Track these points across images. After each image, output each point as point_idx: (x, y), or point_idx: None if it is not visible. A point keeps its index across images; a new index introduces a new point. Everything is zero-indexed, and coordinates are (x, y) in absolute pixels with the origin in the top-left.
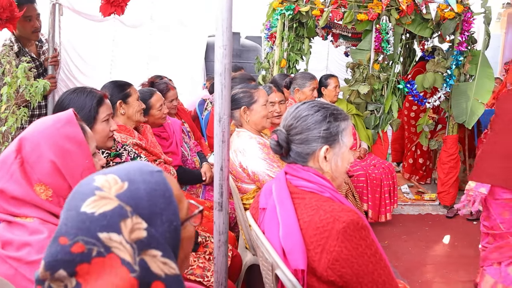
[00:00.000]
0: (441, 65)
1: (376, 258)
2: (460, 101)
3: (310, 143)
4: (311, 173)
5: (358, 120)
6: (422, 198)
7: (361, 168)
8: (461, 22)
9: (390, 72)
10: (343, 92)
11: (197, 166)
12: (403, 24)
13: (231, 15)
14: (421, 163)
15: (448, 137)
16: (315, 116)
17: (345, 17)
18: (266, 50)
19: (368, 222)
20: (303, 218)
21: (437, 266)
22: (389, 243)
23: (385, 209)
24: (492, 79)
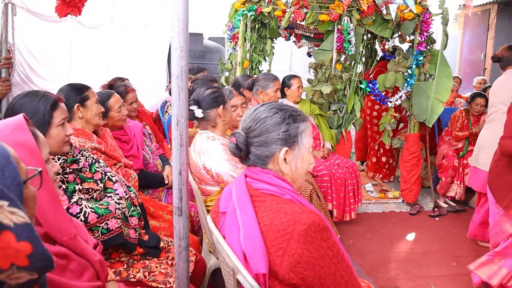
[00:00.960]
0: (402, 65)
1: (338, 259)
2: (420, 100)
3: (270, 145)
4: (271, 176)
5: (321, 120)
6: (385, 196)
7: (325, 168)
8: (420, 23)
9: (352, 72)
10: (306, 93)
11: (159, 170)
12: (364, 25)
13: (187, 16)
14: (384, 161)
15: (409, 135)
16: (274, 118)
17: (307, 18)
18: (229, 51)
19: (333, 221)
20: (263, 221)
21: (401, 263)
22: (354, 241)
23: (350, 208)
24: (450, 78)
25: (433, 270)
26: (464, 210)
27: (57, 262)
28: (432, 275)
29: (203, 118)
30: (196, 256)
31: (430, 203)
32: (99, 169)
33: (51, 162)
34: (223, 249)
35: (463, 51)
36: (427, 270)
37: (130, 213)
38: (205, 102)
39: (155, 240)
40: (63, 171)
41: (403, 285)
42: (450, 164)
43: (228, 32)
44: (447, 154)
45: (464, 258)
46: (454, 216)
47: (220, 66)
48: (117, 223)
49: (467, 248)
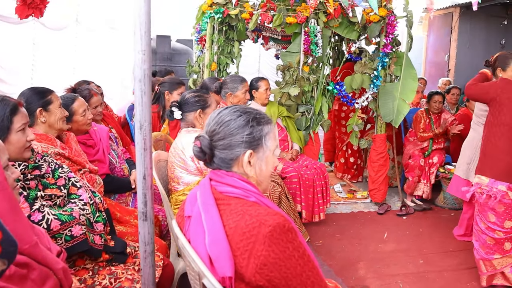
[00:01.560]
0: (368, 67)
1: (304, 260)
2: (387, 101)
3: (234, 148)
4: (235, 179)
5: (290, 122)
6: (354, 196)
7: (293, 170)
8: (385, 25)
9: (319, 74)
10: (274, 95)
11: (126, 174)
12: (331, 27)
13: (150, 19)
14: (352, 162)
15: (377, 136)
16: (237, 121)
17: (274, 20)
18: (197, 54)
19: (302, 222)
20: (228, 224)
21: (370, 262)
22: (323, 242)
23: (319, 209)
24: (415, 79)
25: (401, 268)
26: (430, 209)
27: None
28: (400, 273)
29: (182, 120)
30: (164, 261)
31: (397, 202)
32: (62, 175)
33: (10, 169)
34: (188, 253)
35: (428, 53)
36: (395, 269)
37: (95, 219)
38: (186, 105)
39: (122, 245)
40: (24, 178)
41: (372, 284)
42: (416, 164)
43: (195, 34)
44: (413, 154)
45: (431, 255)
46: (421, 214)
47: (188, 68)
48: (82, 230)
49: (433, 246)
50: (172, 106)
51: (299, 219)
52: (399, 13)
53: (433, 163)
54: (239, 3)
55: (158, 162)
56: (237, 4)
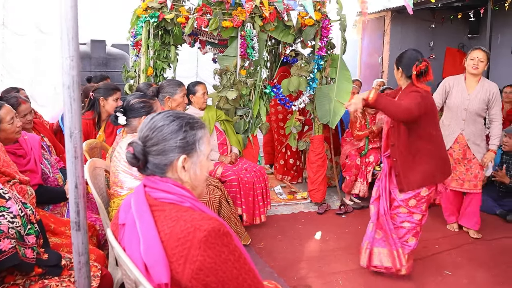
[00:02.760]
0: (304, 69)
1: (240, 263)
2: (323, 102)
3: (167, 154)
4: (170, 184)
5: (228, 126)
6: (294, 198)
7: (233, 173)
8: (320, 29)
9: (256, 77)
10: (212, 99)
11: (60, 184)
12: (267, 31)
13: (77, 24)
14: (292, 163)
15: (314, 137)
16: (171, 126)
17: (211, 24)
18: (133, 59)
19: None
20: (163, 230)
21: (311, 261)
22: (265, 244)
23: (259, 211)
24: (350, 81)
25: (341, 266)
26: (368, 207)
27: None
28: (340, 271)
29: (126, 125)
30: (101, 271)
31: (336, 202)
32: None
33: None
34: (123, 261)
35: (363, 55)
36: (335, 267)
37: (27, 232)
38: (131, 110)
39: (56, 258)
40: None
41: (314, 283)
42: (353, 163)
43: (131, 39)
44: (349, 153)
45: None
46: (359, 212)
47: (124, 73)
48: (11, 244)
49: None
50: (116, 111)
51: (240, 223)
52: (333, 17)
53: (369, 162)
54: (174, 7)
55: (93, 170)
56: (172, 8)
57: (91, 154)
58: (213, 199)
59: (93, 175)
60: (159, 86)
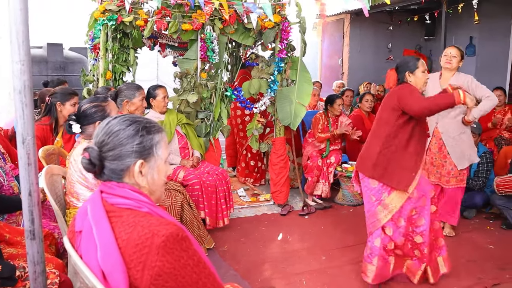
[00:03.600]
0: (265, 72)
1: (199, 267)
2: (284, 104)
3: (124, 159)
4: (127, 189)
5: (189, 129)
6: (257, 200)
7: (195, 177)
8: (280, 31)
9: (217, 80)
10: (173, 102)
11: (15, 192)
12: (227, 34)
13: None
14: (253, 165)
15: (276, 139)
16: (127, 130)
17: (170, 27)
18: (91, 62)
19: (207, 229)
20: (121, 236)
21: (275, 263)
22: (229, 247)
23: (222, 215)
24: (310, 83)
25: (305, 266)
26: (330, 207)
27: None
28: (304, 271)
29: (81, 133)
30: (60, 277)
31: (299, 203)
32: None
33: None
34: (80, 269)
35: (323, 57)
36: (299, 267)
37: None
38: (84, 117)
39: (9, 269)
40: None
41: (277, 284)
42: (315, 164)
43: (89, 42)
44: (311, 155)
45: (332, 251)
46: (322, 213)
47: (82, 78)
48: None
49: (334, 242)
50: (69, 120)
51: (203, 226)
52: (293, 20)
53: (331, 163)
54: (133, 10)
55: (50, 177)
56: (131, 11)
57: (48, 161)
58: (175, 204)
59: (50, 182)
60: (117, 90)
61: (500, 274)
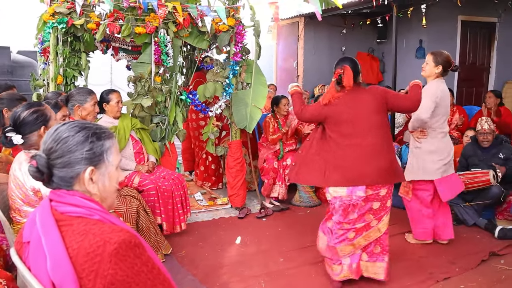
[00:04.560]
0: (220, 75)
1: (153, 273)
2: (240, 108)
3: (74, 166)
4: (77, 197)
5: (144, 134)
6: (215, 203)
7: (150, 182)
8: (234, 35)
9: (172, 84)
10: (127, 107)
11: None
12: (181, 37)
13: None
14: (214, 169)
15: (232, 142)
16: (76, 137)
17: (123, 31)
18: (41, 66)
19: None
20: (72, 246)
21: (233, 266)
22: (186, 252)
23: (179, 219)
24: (265, 86)
25: (263, 268)
26: (288, 209)
27: None
28: (262, 274)
29: (24, 143)
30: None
31: (257, 205)
32: None
33: None
34: (29, 282)
35: (278, 59)
36: (257, 270)
37: None
38: (24, 126)
39: None
40: None
41: (236, 287)
42: (271, 167)
43: (38, 45)
44: (267, 157)
45: (290, 253)
46: (279, 215)
47: (32, 82)
48: None
49: (292, 243)
50: (6, 132)
51: (160, 232)
52: (247, 23)
53: (287, 165)
54: (84, 12)
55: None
56: (82, 13)
57: None
58: (130, 210)
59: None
60: (68, 95)
61: (450, 268)
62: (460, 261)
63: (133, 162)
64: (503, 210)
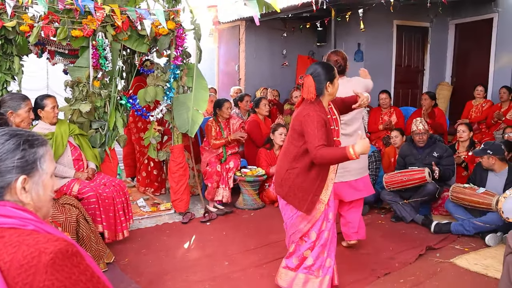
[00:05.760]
0: (161, 79)
1: (93, 282)
2: (181, 112)
3: (4, 175)
4: (8, 208)
5: (83, 140)
6: (158, 209)
7: (90, 189)
8: (174, 38)
9: (111, 88)
10: (64, 112)
11: None
12: (120, 40)
13: None
14: (156, 174)
15: (174, 147)
16: (6, 145)
17: (59, 34)
18: None
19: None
20: (3, 259)
21: (177, 272)
22: (129, 259)
23: (122, 227)
24: (206, 89)
25: (208, 273)
26: (232, 212)
27: None
28: (207, 278)
29: None
30: None
31: (200, 210)
32: None
33: None
34: None
35: (220, 63)
36: (202, 275)
37: None
38: None
39: None
40: None
41: None
42: (214, 170)
43: None
44: (209, 161)
45: (235, 256)
46: (223, 218)
47: None
48: None
49: (237, 246)
50: None
51: (101, 240)
52: (188, 26)
53: (230, 168)
54: (16, 14)
55: None
56: (13, 15)
57: None
58: (69, 219)
59: None
60: (0, 101)
61: (390, 263)
62: (399, 257)
63: (71, 170)
64: (438, 206)
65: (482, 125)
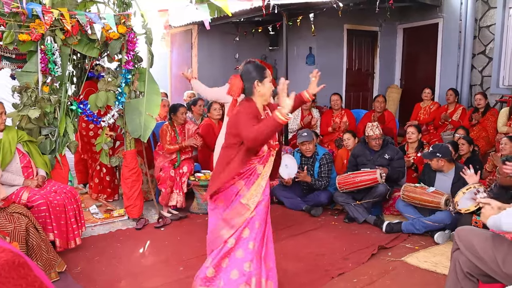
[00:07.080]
0: (112, 84)
1: None
2: (133, 117)
3: None
4: None
5: (32, 147)
6: (111, 216)
7: (41, 197)
8: (126, 42)
9: (61, 93)
10: (12, 118)
11: None
12: (70, 45)
13: None
14: (109, 180)
15: (127, 152)
16: None
17: (5, 38)
18: None
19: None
20: None
21: (132, 279)
22: (82, 267)
23: (74, 234)
24: (158, 94)
25: (162, 278)
26: (186, 217)
27: None
28: (162, 284)
29: None
30: None
31: (155, 215)
32: None
33: None
34: None
35: (173, 67)
36: (156, 280)
37: None
38: None
39: None
40: None
41: None
42: (168, 175)
43: None
44: (163, 166)
45: (190, 261)
46: (178, 223)
47: None
48: None
49: (191, 251)
50: None
51: (52, 249)
52: (139, 30)
53: (184, 173)
54: None
55: None
56: None
57: None
58: (18, 228)
59: None
60: None
61: (344, 263)
62: (352, 257)
63: (20, 177)
64: (389, 206)
65: (430, 126)
